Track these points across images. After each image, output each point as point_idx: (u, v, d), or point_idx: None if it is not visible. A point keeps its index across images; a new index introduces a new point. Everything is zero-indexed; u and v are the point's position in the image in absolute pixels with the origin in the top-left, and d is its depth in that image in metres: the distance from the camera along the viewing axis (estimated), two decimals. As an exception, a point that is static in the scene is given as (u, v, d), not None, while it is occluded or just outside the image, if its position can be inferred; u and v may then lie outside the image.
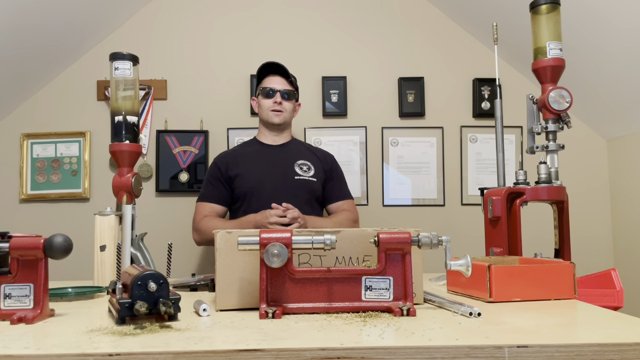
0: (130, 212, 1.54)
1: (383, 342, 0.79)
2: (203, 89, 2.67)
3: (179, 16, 2.70)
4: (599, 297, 1.30)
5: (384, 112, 2.68)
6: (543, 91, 1.51)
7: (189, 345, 0.78)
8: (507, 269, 1.17)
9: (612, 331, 0.87)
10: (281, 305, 1.01)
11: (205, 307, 1.04)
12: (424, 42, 2.72)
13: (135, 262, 1.53)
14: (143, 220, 1.80)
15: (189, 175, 2.59)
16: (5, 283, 1.03)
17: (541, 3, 1.52)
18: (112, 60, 1.61)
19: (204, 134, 2.61)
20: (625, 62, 2.15)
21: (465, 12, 2.64)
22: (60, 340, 0.84)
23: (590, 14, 2.05)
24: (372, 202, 2.64)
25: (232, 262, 1.09)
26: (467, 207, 2.65)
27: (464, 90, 2.70)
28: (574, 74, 2.25)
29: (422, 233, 1.04)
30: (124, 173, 1.59)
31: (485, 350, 0.76)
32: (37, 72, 2.56)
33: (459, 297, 1.24)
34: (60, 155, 2.61)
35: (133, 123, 1.61)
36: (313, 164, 2.14)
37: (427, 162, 2.66)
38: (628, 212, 2.52)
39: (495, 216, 1.50)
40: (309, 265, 1.10)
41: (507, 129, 2.59)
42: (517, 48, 2.52)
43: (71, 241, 1.03)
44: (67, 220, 2.58)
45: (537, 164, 1.51)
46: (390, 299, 1.02)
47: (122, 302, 0.94)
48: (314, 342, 0.79)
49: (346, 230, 1.12)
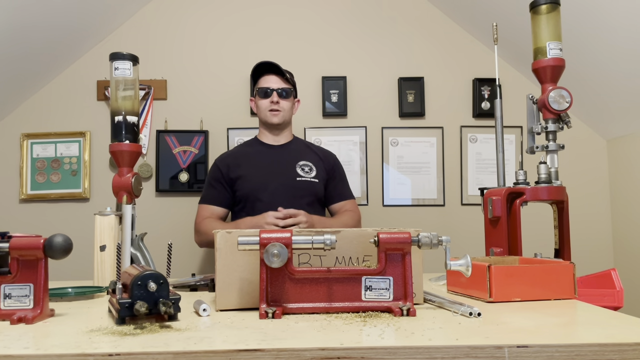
0: (130, 212, 1.54)
1: (383, 342, 0.79)
2: (203, 89, 2.67)
3: (178, 16, 2.70)
4: (599, 297, 1.30)
5: (384, 112, 2.68)
6: (543, 91, 1.51)
7: (189, 345, 0.78)
8: (507, 269, 1.17)
9: (612, 331, 0.87)
10: (281, 305, 1.01)
11: (205, 307, 1.04)
12: (424, 42, 2.72)
13: (135, 262, 1.53)
14: (143, 220, 1.80)
15: (189, 175, 2.59)
16: (5, 283, 1.03)
17: (541, 3, 1.52)
18: (112, 60, 1.61)
19: (204, 134, 2.61)
20: (626, 62, 2.15)
21: (465, 12, 2.64)
22: (60, 340, 0.84)
23: (590, 14, 2.05)
24: (372, 202, 2.64)
25: (232, 262, 1.09)
26: (467, 207, 2.65)
27: (463, 90, 2.70)
28: (574, 74, 2.25)
29: (422, 233, 1.04)
30: (124, 173, 1.59)
31: (485, 350, 0.76)
32: (37, 72, 2.56)
33: (459, 297, 1.24)
34: (60, 155, 2.61)
35: (133, 123, 1.61)
36: (315, 164, 2.12)
37: (427, 162, 2.66)
38: (628, 212, 2.52)
39: (495, 216, 1.50)
40: (309, 265, 1.10)
41: (507, 129, 2.59)
42: (517, 48, 2.52)
43: (71, 241, 1.03)
44: (67, 220, 2.58)
45: (537, 164, 1.51)
46: (390, 299, 1.02)
47: (122, 302, 0.94)
48: (314, 342, 0.79)
49: (346, 230, 1.12)
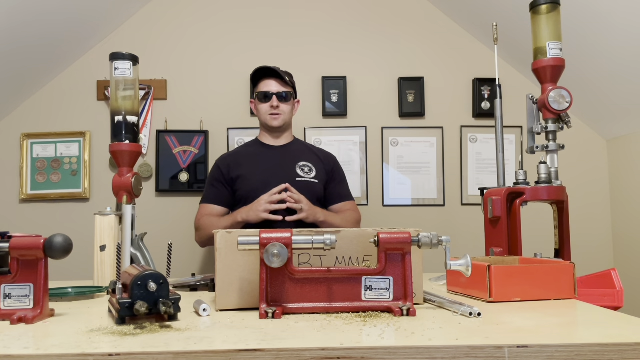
0: (130, 212, 1.54)
1: (383, 342, 0.79)
2: (203, 89, 2.67)
3: (179, 16, 2.70)
4: (599, 297, 1.30)
5: (384, 112, 2.68)
6: (543, 91, 1.51)
7: (189, 345, 0.78)
8: (507, 269, 1.17)
9: (612, 331, 0.87)
10: (281, 305, 1.01)
11: (205, 307, 1.04)
12: (424, 42, 2.72)
13: (135, 262, 1.53)
14: (143, 220, 1.80)
15: (189, 175, 2.59)
16: (5, 283, 1.03)
17: (541, 3, 1.52)
18: (112, 60, 1.61)
19: (204, 134, 2.61)
20: (626, 62, 2.15)
21: (465, 12, 2.64)
22: (60, 340, 0.84)
23: (590, 14, 2.05)
24: (372, 202, 2.64)
25: (232, 262, 1.09)
26: (467, 207, 2.65)
27: (464, 90, 2.70)
28: (574, 74, 2.25)
29: (422, 233, 1.04)
30: (124, 173, 1.59)
31: (485, 350, 0.76)
32: (37, 72, 2.56)
33: (459, 297, 1.24)
34: (60, 155, 2.61)
35: (133, 123, 1.61)
36: (315, 165, 2.13)
37: (427, 162, 2.66)
38: (628, 212, 2.52)
39: (495, 216, 1.50)
40: (309, 265, 1.10)
41: (507, 129, 2.59)
42: (517, 48, 2.52)
43: (71, 241, 1.03)
44: (67, 220, 2.58)
45: (537, 164, 1.51)
46: (390, 299, 1.02)
47: (122, 302, 0.94)
48: (314, 342, 0.79)
49: (346, 230, 1.12)
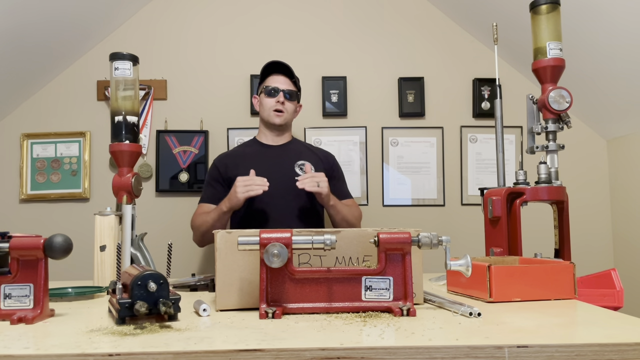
0: (130, 212, 1.54)
1: (383, 342, 0.79)
2: (203, 89, 2.67)
3: (179, 16, 2.70)
4: (599, 297, 1.30)
5: (384, 112, 2.68)
6: (543, 91, 1.51)
7: (189, 345, 0.78)
8: (507, 269, 1.17)
9: (612, 331, 0.87)
10: (281, 305, 1.01)
11: (205, 307, 1.04)
12: (424, 42, 2.72)
13: (135, 262, 1.53)
14: (143, 220, 1.80)
15: (189, 175, 2.59)
16: (5, 283, 1.03)
17: (541, 3, 1.52)
18: (112, 60, 1.61)
19: (204, 134, 2.61)
20: (626, 62, 2.15)
21: (465, 12, 2.64)
22: (60, 340, 0.84)
23: (590, 14, 2.05)
24: (372, 202, 2.64)
25: (232, 262, 1.09)
26: (467, 207, 2.65)
27: (464, 90, 2.70)
28: (574, 74, 2.25)
29: (422, 233, 1.04)
30: (124, 173, 1.59)
31: (485, 350, 0.76)
32: (37, 72, 2.56)
33: (459, 297, 1.24)
34: (60, 155, 2.61)
35: (133, 123, 1.61)
36: (314, 164, 2.13)
37: (427, 162, 2.66)
38: (628, 212, 2.52)
39: (495, 216, 1.50)
40: (309, 265, 1.10)
41: (507, 129, 2.59)
42: (517, 48, 2.52)
43: (71, 241, 1.03)
44: (67, 220, 2.58)
45: (537, 164, 1.51)
46: (390, 299, 1.02)
47: (122, 302, 0.94)
48: (314, 342, 0.79)
49: (346, 230, 1.12)
